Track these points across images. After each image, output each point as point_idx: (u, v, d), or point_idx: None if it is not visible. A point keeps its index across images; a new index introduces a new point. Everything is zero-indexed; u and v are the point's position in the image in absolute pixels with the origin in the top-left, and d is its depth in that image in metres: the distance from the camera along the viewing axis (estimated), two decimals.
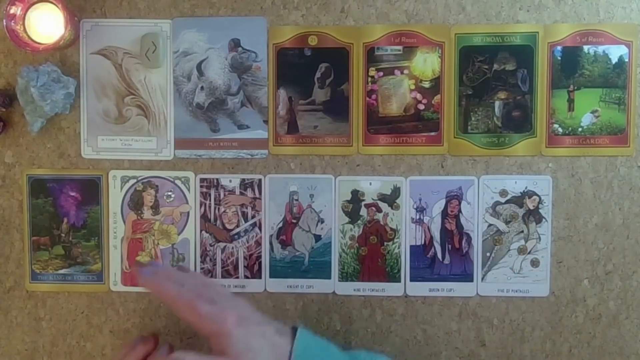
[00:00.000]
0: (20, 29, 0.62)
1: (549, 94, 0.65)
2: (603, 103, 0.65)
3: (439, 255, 0.66)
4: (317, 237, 0.67)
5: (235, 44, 0.66)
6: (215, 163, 0.67)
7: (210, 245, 0.67)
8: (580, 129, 0.66)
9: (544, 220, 0.66)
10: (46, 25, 0.63)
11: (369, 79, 0.66)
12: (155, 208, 0.67)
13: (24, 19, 0.63)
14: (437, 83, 0.66)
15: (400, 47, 0.66)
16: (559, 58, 0.65)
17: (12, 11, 0.62)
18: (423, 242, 0.66)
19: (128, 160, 0.67)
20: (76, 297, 0.67)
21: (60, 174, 0.67)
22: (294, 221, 0.67)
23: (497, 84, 0.66)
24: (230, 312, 0.50)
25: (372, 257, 0.67)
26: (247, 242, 0.67)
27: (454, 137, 0.66)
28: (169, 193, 0.67)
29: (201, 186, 0.67)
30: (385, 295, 0.67)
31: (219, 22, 0.66)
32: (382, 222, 0.66)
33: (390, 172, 0.66)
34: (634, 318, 0.66)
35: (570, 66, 0.65)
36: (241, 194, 0.67)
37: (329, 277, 0.67)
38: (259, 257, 0.67)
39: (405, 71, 0.66)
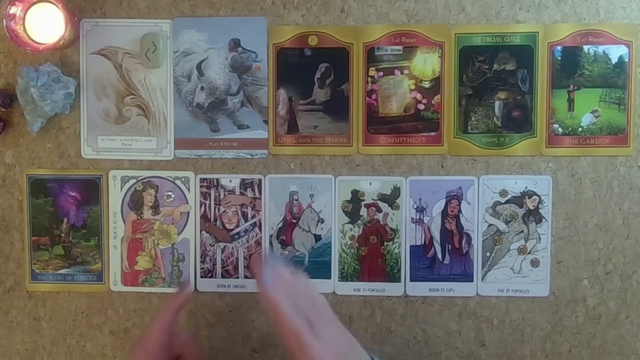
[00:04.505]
0: (20, 29, 0.62)
1: (549, 94, 0.66)
2: (603, 103, 0.65)
3: (439, 255, 0.66)
4: (317, 237, 0.67)
5: (235, 44, 0.66)
6: (215, 163, 0.67)
7: (210, 245, 0.67)
8: (580, 129, 0.66)
9: (544, 220, 0.66)
10: (46, 25, 0.63)
11: (369, 79, 0.66)
12: (155, 208, 0.67)
13: (24, 19, 0.63)
14: (437, 83, 0.66)
15: (400, 47, 0.66)
16: (559, 58, 0.65)
17: (12, 11, 0.62)
18: (423, 242, 0.66)
19: (128, 160, 0.67)
20: (76, 297, 0.67)
21: (60, 174, 0.67)
22: (294, 221, 0.67)
23: (497, 84, 0.66)
24: (329, 351, 0.51)
25: (372, 257, 0.67)
26: (247, 242, 0.67)
27: (454, 137, 0.66)
28: (169, 193, 0.67)
29: (201, 186, 0.67)
30: (385, 295, 0.67)
31: (219, 22, 0.66)
32: (382, 222, 0.66)
33: (390, 172, 0.66)
34: (634, 318, 0.66)
35: (570, 66, 0.65)
36: (241, 194, 0.67)
37: (329, 277, 0.67)
38: None
39: (405, 71, 0.66)
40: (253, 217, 0.67)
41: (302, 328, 0.51)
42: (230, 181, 0.67)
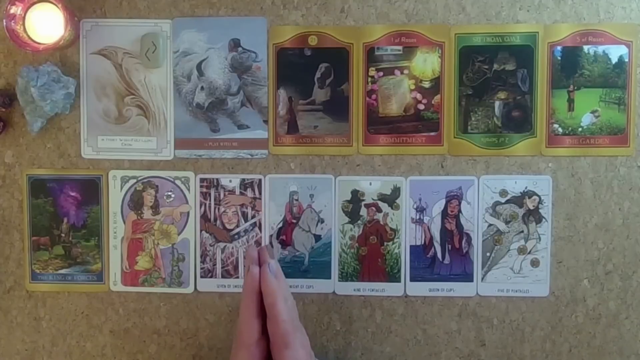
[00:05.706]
0: (20, 29, 0.62)
1: (549, 94, 0.66)
2: (603, 103, 0.65)
3: (439, 255, 0.66)
4: (317, 237, 0.67)
5: (235, 44, 0.66)
6: (215, 163, 0.67)
7: (210, 245, 0.67)
8: (580, 129, 0.66)
9: (544, 220, 0.66)
10: (46, 25, 0.63)
11: (369, 79, 0.66)
12: (155, 208, 0.67)
13: (24, 19, 0.63)
14: (437, 83, 0.66)
15: (400, 47, 0.66)
16: (559, 58, 0.65)
17: (12, 11, 0.62)
18: (423, 242, 0.66)
19: (128, 160, 0.67)
20: (76, 297, 0.67)
21: (60, 174, 0.67)
22: (294, 221, 0.67)
23: (497, 84, 0.66)
24: (306, 354, 0.54)
25: (372, 257, 0.67)
26: (247, 242, 0.67)
27: (454, 137, 0.66)
28: (169, 193, 0.67)
29: (201, 186, 0.67)
30: (385, 295, 0.67)
31: (219, 22, 0.66)
32: (382, 222, 0.66)
33: (390, 172, 0.66)
34: (634, 318, 0.66)
35: (570, 66, 0.65)
36: (241, 194, 0.67)
37: (329, 277, 0.67)
38: None
39: (405, 71, 0.66)
40: (253, 217, 0.67)
41: (291, 328, 0.53)
42: (230, 181, 0.67)
